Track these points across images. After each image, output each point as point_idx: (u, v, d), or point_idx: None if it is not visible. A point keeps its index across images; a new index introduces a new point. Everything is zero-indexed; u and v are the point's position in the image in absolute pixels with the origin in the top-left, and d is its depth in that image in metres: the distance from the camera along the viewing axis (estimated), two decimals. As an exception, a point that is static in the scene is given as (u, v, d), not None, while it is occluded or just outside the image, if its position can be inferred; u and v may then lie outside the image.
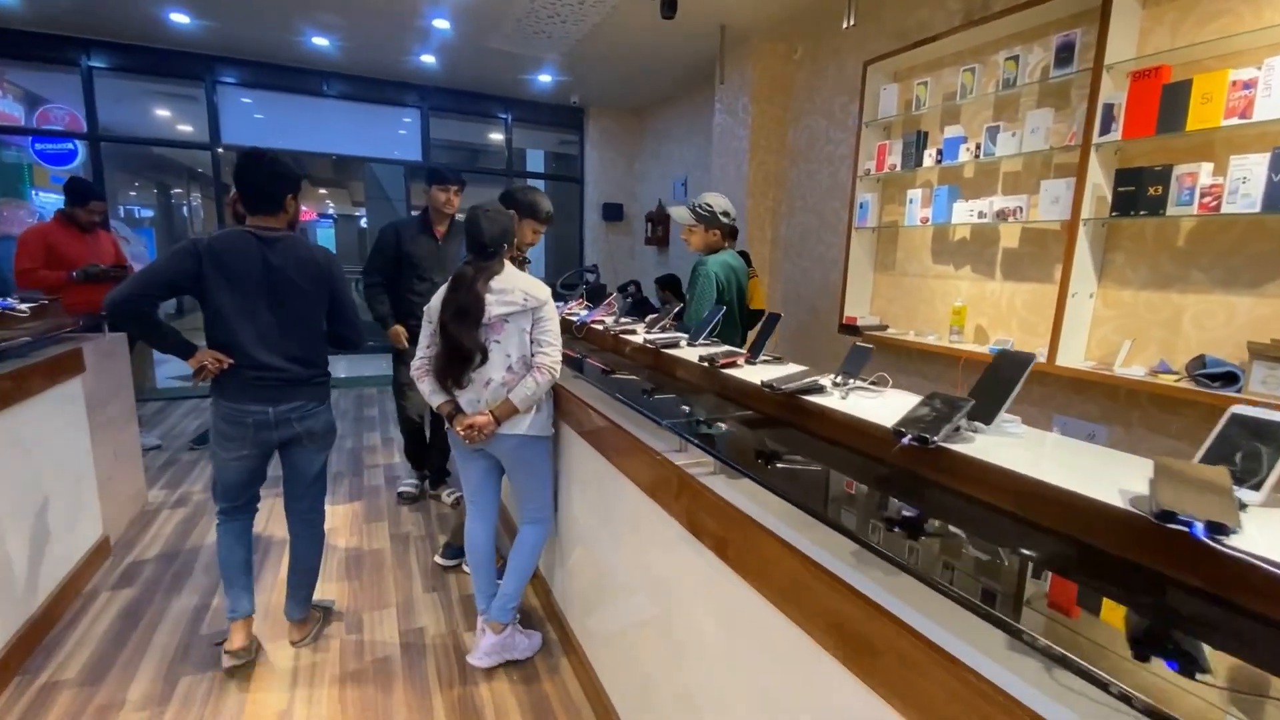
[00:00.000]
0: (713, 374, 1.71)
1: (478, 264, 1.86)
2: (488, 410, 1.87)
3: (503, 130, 6.69)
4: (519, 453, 1.97)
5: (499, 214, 1.89)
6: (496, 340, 1.86)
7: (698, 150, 5.66)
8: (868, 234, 3.58)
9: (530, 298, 1.85)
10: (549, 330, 1.89)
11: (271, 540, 2.93)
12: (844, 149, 3.89)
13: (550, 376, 1.88)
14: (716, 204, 2.53)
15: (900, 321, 3.51)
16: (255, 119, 5.93)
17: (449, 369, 1.84)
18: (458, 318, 1.81)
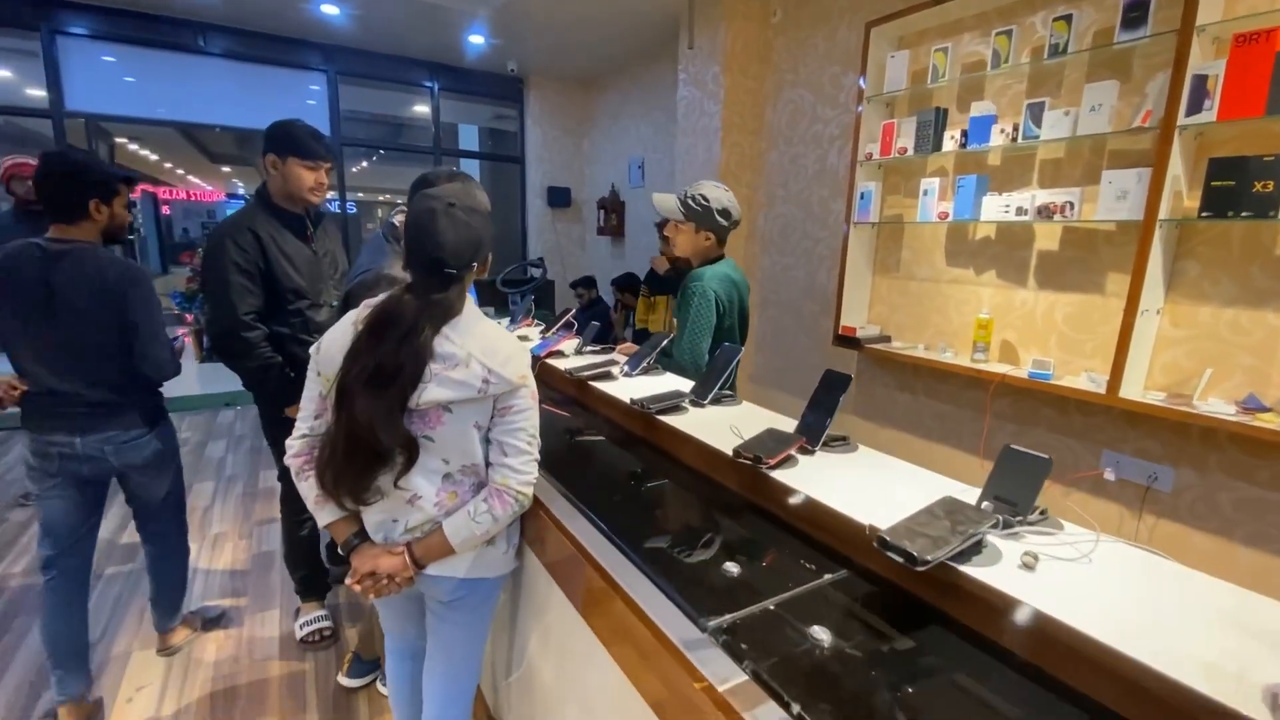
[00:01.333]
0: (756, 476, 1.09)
1: (424, 297, 1.10)
2: (404, 547, 1.17)
3: (429, 101, 5.81)
4: (453, 602, 1.26)
5: (470, 212, 1.13)
6: (428, 436, 1.13)
7: (657, 128, 5.01)
8: (867, 230, 3.06)
9: (495, 379, 1.10)
10: (523, 429, 1.15)
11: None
12: (834, 128, 3.34)
13: (516, 506, 1.16)
14: (715, 199, 1.90)
15: (906, 333, 3.01)
16: (119, 80, 4.83)
17: (346, 471, 1.09)
18: (373, 387, 1.06)
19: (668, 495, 1.22)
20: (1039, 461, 0.84)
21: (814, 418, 1.19)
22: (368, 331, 1.10)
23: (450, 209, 1.12)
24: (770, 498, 1.04)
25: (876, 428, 3.21)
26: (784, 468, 1.08)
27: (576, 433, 1.59)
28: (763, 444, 1.10)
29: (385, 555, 1.16)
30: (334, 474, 1.09)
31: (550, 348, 1.94)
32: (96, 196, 1.70)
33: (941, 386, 2.88)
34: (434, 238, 1.10)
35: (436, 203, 1.12)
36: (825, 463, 1.12)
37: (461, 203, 1.13)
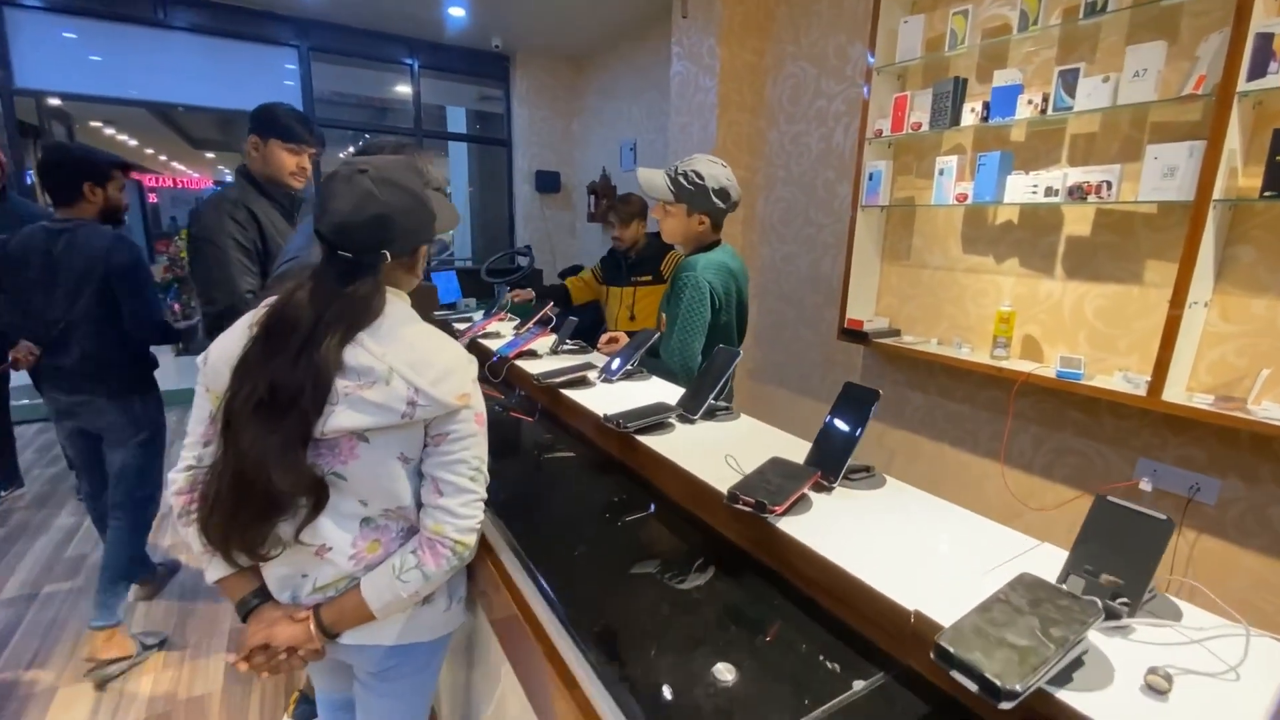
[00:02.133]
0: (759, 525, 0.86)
1: (329, 293, 0.87)
2: (308, 611, 0.93)
3: (411, 82, 5.51)
4: (383, 673, 1.02)
5: (385, 184, 0.88)
6: (338, 473, 0.89)
7: (650, 108, 4.73)
8: (875, 214, 2.81)
9: (424, 400, 0.86)
10: (463, 462, 0.91)
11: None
12: (840, 104, 3.08)
13: (454, 560, 0.91)
14: (710, 176, 1.64)
15: (917, 326, 2.78)
16: (74, 56, 4.51)
17: (235, 519, 0.85)
18: (265, 414, 0.82)
19: (647, 543, 0.98)
20: (1153, 524, 0.60)
21: (831, 443, 0.96)
22: (260, 339, 0.86)
23: (357, 176, 0.87)
24: (778, 556, 0.81)
25: (885, 428, 2.99)
26: (795, 512, 0.85)
27: (544, 452, 1.36)
28: (766, 481, 0.87)
29: (285, 622, 0.92)
30: (220, 522, 0.85)
31: (520, 347, 1.70)
32: (89, 180, 1.96)
33: (957, 385, 2.65)
34: (326, 211, 0.85)
35: (345, 168, 0.88)
36: (846, 504, 0.89)
37: (379, 172, 0.88)
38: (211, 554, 0.90)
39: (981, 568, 0.71)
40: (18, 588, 2.47)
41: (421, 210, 0.93)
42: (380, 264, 0.90)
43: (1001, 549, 0.75)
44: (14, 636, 2.17)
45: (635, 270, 2.71)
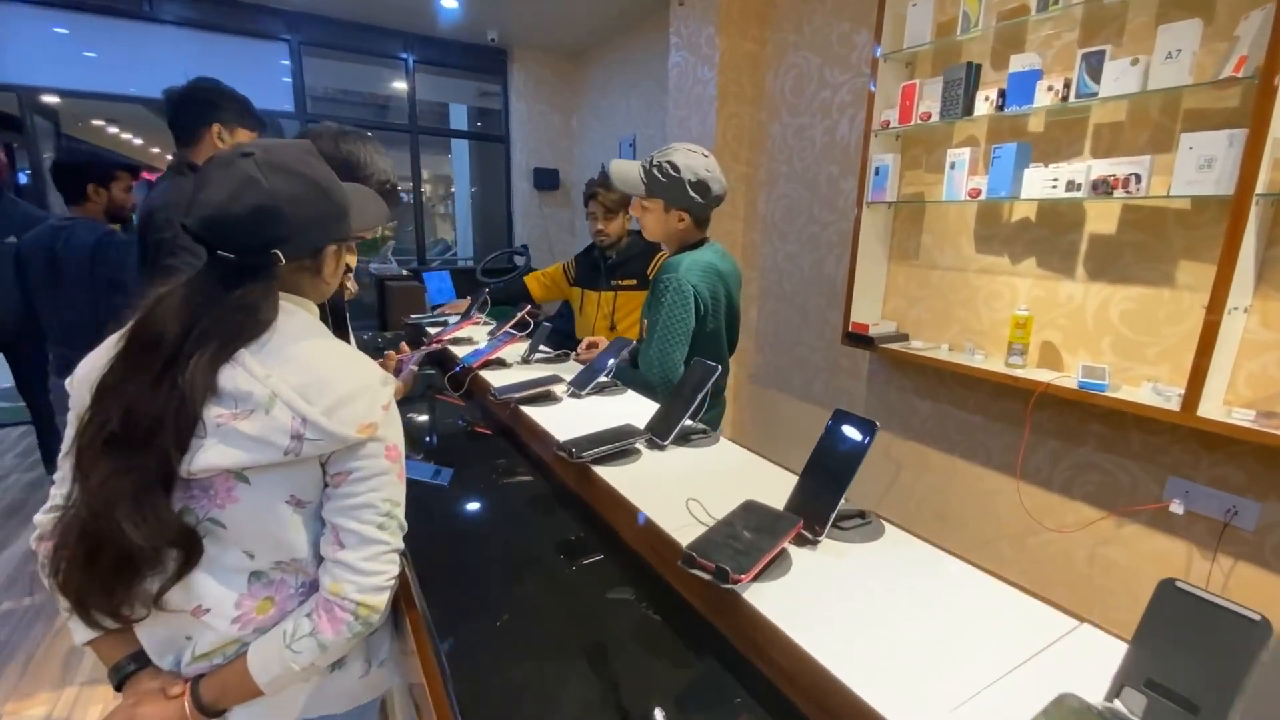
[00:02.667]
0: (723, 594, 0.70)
1: (206, 296, 0.73)
2: (184, 685, 0.78)
3: (406, 77, 5.38)
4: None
5: (275, 169, 0.73)
6: (215, 519, 0.74)
7: (648, 101, 4.58)
8: (882, 211, 2.64)
9: (314, 433, 0.71)
10: (369, 506, 0.76)
11: None
12: (845, 95, 2.91)
13: (357, 626, 0.76)
14: (686, 167, 1.47)
15: (926, 331, 2.60)
16: (58, 50, 4.42)
17: (89, 577, 0.70)
18: (116, 451, 0.68)
19: (589, 604, 0.82)
20: (1241, 625, 0.44)
21: (819, 484, 0.80)
22: (120, 357, 0.71)
23: (239, 160, 0.72)
24: (744, 635, 0.65)
25: (891, 439, 2.82)
26: (769, 574, 0.69)
27: (498, 476, 1.21)
28: (734, 535, 0.71)
29: (155, 699, 0.76)
30: (73, 580, 0.70)
31: (486, 355, 1.55)
32: (93, 181, 2.15)
33: (968, 394, 2.48)
34: (195, 201, 0.70)
35: (228, 152, 0.73)
36: (834, 564, 0.74)
37: (267, 155, 0.73)
38: (70, 614, 0.74)
39: (1005, 662, 0.55)
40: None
41: (321, 201, 0.77)
42: (272, 266, 0.74)
43: (1031, 633, 0.59)
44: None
45: (617, 272, 2.32)
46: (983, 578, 0.72)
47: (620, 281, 2.31)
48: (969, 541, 2.52)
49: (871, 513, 0.85)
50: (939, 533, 2.63)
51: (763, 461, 1.05)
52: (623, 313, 2.30)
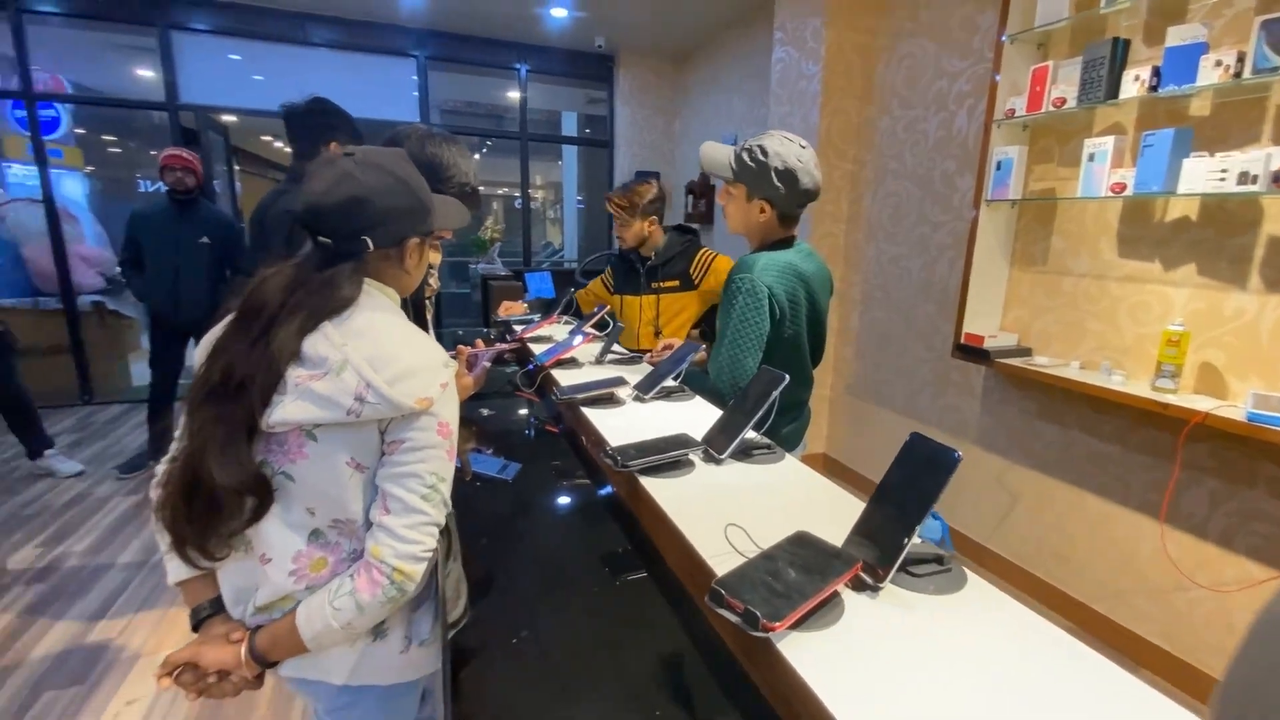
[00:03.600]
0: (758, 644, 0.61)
1: (304, 274, 0.82)
2: (244, 633, 0.84)
3: (519, 86, 5.61)
4: (335, 712, 0.93)
5: (369, 166, 0.83)
6: (287, 474, 0.80)
7: (752, 100, 4.45)
8: (1004, 209, 2.37)
9: (374, 397, 0.76)
10: (415, 477, 0.80)
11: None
12: (965, 84, 2.64)
13: (392, 590, 0.79)
14: (775, 153, 1.34)
15: (1054, 346, 2.30)
16: (228, 73, 5.04)
17: (184, 512, 0.77)
18: (214, 401, 0.77)
19: (617, 630, 0.75)
20: None
21: (885, 519, 0.70)
22: (232, 323, 0.81)
23: (341, 159, 0.82)
24: (777, 691, 0.56)
25: (1006, 465, 2.52)
26: (814, 622, 0.60)
27: (557, 478, 1.18)
28: (775, 571, 0.63)
29: (218, 643, 0.83)
30: (170, 514, 0.78)
31: (558, 354, 1.53)
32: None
33: (1103, 420, 2.16)
34: (303, 192, 0.82)
35: (337, 153, 0.84)
36: (896, 618, 0.63)
37: (365, 156, 0.84)
38: (169, 553, 0.83)
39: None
40: (133, 554, 2.71)
41: (407, 197, 0.86)
42: (361, 252, 0.83)
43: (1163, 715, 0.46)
44: (117, 600, 2.37)
45: (656, 274, 2.12)
46: (1095, 659, 0.58)
47: (661, 284, 2.12)
48: (1097, 590, 2.19)
49: (953, 558, 0.72)
50: (1060, 576, 2.31)
51: (832, 486, 0.94)
52: (669, 317, 2.12)
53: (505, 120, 8.04)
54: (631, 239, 2.11)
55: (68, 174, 5.94)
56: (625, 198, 2.08)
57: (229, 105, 5.14)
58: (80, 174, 6.56)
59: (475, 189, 1.39)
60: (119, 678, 1.97)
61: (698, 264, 2.10)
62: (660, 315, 2.11)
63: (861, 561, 0.67)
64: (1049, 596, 2.35)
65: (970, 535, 2.71)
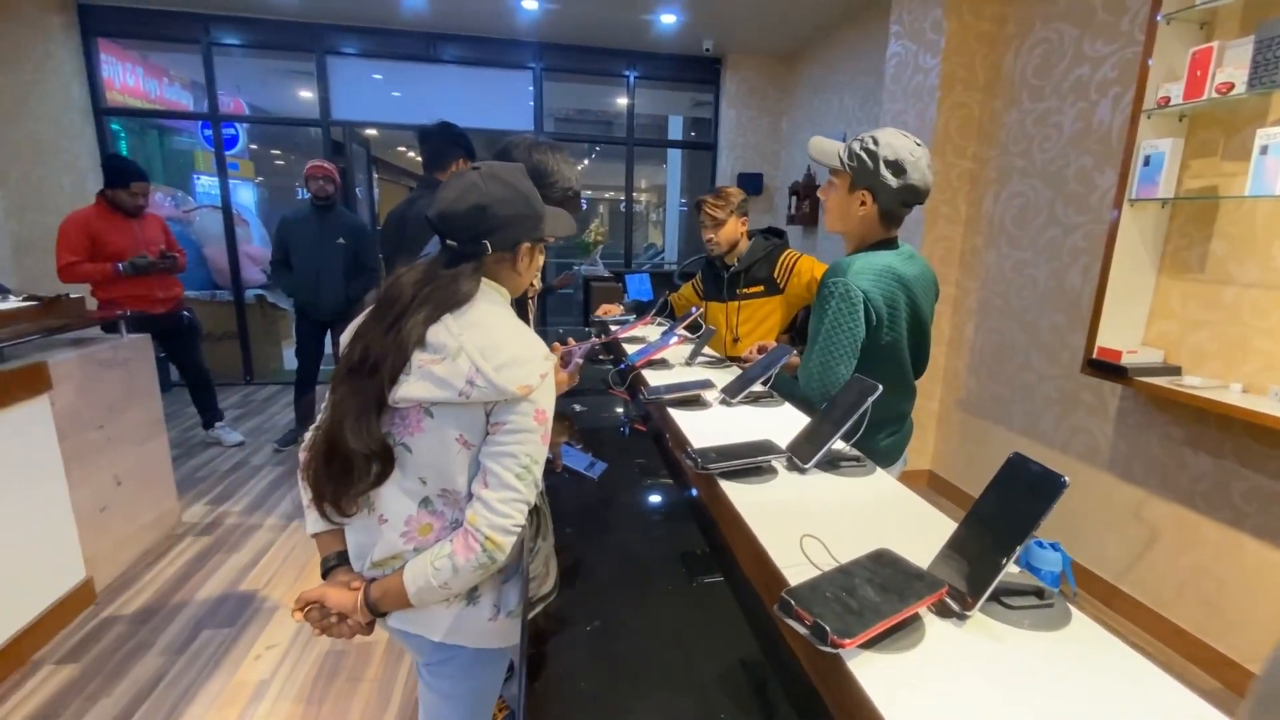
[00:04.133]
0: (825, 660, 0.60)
1: (432, 272, 0.93)
2: (362, 582, 0.95)
3: (627, 93, 5.73)
4: (431, 666, 1.03)
5: (492, 179, 0.94)
6: (406, 445, 0.91)
7: (864, 98, 4.27)
8: (1152, 210, 2.11)
9: (482, 382, 0.86)
10: (512, 456, 0.89)
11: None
12: (1109, 70, 2.39)
13: (482, 556, 0.88)
14: (886, 144, 1.27)
15: (1209, 364, 2.02)
16: (371, 91, 5.57)
17: (325, 473, 0.92)
18: (353, 377, 0.89)
19: (688, 636, 0.76)
20: None
21: (980, 544, 0.66)
22: (372, 312, 0.94)
23: (470, 172, 0.95)
24: (846, 712, 0.55)
25: (1144, 496, 2.25)
26: (891, 645, 0.58)
27: (642, 475, 1.20)
28: (851, 587, 0.61)
29: (342, 588, 0.96)
30: (314, 474, 0.93)
31: (649, 355, 1.56)
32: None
33: (1271, 453, 1.87)
34: (435, 199, 0.94)
35: (468, 168, 0.96)
36: (985, 650, 0.59)
37: (490, 169, 0.95)
38: (309, 507, 0.97)
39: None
40: (279, 516, 3.06)
41: (522, 205, 0.95)
42: (481, 254, 0.94)
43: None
44: (264, 556, 2.69)
45: (740, 280, 2.09)
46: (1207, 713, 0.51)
47: (744, 290, 2.08)
48: (1254, 649, 1.90)
49: (1057, 594, 0.66)
50: (1208, 628, 2.03)
51: (924, 505, 0.89)
52: (748, 324, 2.08)
53: (614, 126, 8.25)
54: (725, 241, 2.09)
55: (242, 184, 6.82)
56: (719, 198, 2.07)
57: (371, 120, 5.68)
58: (252, 184, 7.50)
59: (577, 193, 1.45)
60: (262, 624, 2.24)
61: (781, 267, 2.05)
62: (741, 323, 2.08)
63: (948, 586, 0.63)
64: (1191, 650, 2.07)
65: (1098, 572, 2.44)
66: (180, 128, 6.73)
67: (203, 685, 1.94)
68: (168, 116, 6.29)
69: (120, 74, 5.16)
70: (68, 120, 4.52)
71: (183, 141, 6.98)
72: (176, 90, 6.28)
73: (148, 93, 5.61)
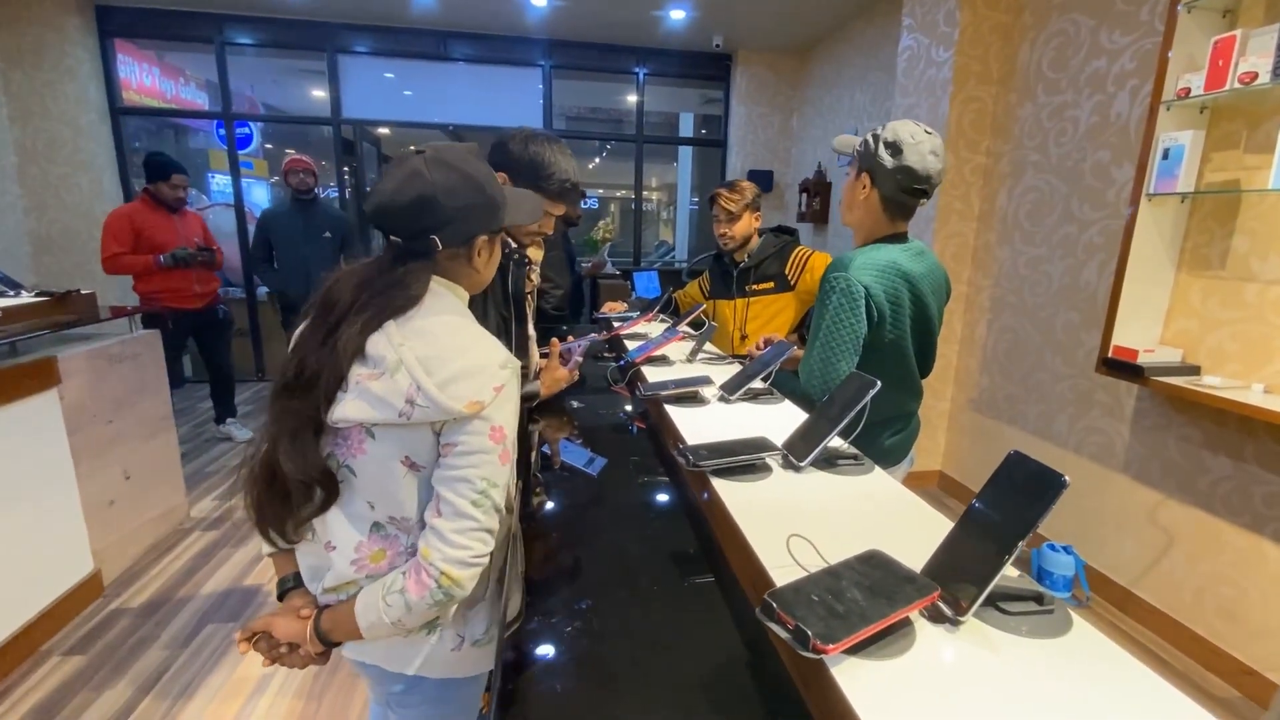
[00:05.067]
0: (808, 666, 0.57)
1: (375, 273, 0.84)
2: (312, 610, 0.88)
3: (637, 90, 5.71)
4: (393, 698, 0.97)
5: (439, 165, 0.82)
6: (350, 468, 0.83)
7: (876, 93, 4.22)
8: (1171, 205, 2.05)
9: (424, 400, 0.76)
10: (465, 481, 0.79)
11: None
12: (1128, 61, 2.32)
13: (438, 594, 0.79)
14: (891, 129, 1.25)
15: (1230, 364, 1.96)
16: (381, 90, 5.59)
17: (266, 498, 0.83)
18: (287, 395, 0.80)
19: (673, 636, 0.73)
20: None
21: (975, 546, 0.63)
22: (311, 318, 0.84)
23: (411, 157, 0.82)
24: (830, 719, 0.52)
25: (1160, 500, 2.19)
26: (880, 651, 0.55)
27: (635, 474, 1.18)
28: (838, 592, 0.58)
29: (290, 616, 0.88)
30: (254, 498, 0.84)
31: (649, 351, 1.53)
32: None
33: (1295, 456, 1.81)
34: (372, 191, 0.82)
35: (408, 151, 0.84)
36: (978, 658, 0.56)
37: (435, 154, 0.83)
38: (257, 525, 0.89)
39: None
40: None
41: (475, 194, 0.84)
42: (430, 251, 0.83)
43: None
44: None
45: (749, 277, 2.05)
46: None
47: (754, 287, 2.04)
48: (1276, 656, 1.84)
49: (1057, 600, 0.63)
50: (1227, 636, 1.97)
51: (923, 505, 0.86)
52: (760, 321, 2.04)
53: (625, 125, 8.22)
54: (740, 235, 2.05)
55: (256, 183, 6.90)
56: (734, 191, 2.04)
57: (383, 119, 5.71)
58: (266, 182, 7.59)
59: (575, 184, 1.41)
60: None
61: (793, 263, 2.01)
62: (750, 320, 2.04)
63: (940, 590, 0.60)
64: (1210, 658, 2.01)
65: (1112, 577, 2.38)
66: (196, 127, 6.81)
67: (205, 678, 1.95)
68: (181, 115, 6.35)
69: (137, 74, 5.22)
70: (86, 120, 4.58)
71: (198, 140, 7.07)
72: (192, 90, 6.35)
73: (164, 92, 5.68)
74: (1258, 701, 1.85)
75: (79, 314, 2.56)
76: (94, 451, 2.35)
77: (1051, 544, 2.42)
